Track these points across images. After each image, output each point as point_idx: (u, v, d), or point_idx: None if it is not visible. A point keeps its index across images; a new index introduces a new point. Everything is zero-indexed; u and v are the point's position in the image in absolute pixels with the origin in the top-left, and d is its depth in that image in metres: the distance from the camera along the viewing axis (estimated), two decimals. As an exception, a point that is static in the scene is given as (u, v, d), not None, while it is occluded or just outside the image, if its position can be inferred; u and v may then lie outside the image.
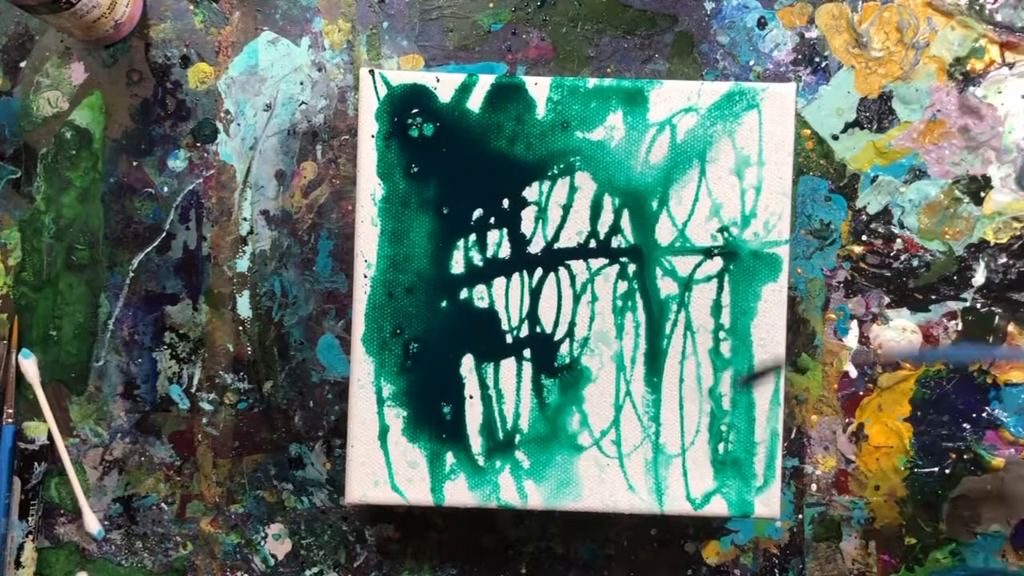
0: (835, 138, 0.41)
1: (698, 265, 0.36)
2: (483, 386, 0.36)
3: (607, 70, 0.41)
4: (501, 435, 0.36)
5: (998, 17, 0.40)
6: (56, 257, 0.44)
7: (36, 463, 0.44)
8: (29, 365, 0.44)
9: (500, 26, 0.41)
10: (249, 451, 0.43)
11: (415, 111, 0.36)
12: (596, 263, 0.36)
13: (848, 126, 0.41)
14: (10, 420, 0.44)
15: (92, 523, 0.44)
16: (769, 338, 0.36)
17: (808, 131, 0.41)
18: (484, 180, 0.36)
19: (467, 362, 0.36)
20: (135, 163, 0.43)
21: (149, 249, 0.43)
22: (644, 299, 0.35)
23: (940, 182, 0.41)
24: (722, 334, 0.36)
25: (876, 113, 0.41)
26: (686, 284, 0.36)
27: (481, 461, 0.36)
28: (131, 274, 0.43)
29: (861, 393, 0.41)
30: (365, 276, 0.37)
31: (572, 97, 0.35)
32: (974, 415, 0.41)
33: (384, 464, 0.36)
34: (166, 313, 0.43)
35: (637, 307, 0.36)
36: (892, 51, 0.40)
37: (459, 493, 0.36)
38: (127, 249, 0.43)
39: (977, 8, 0.40)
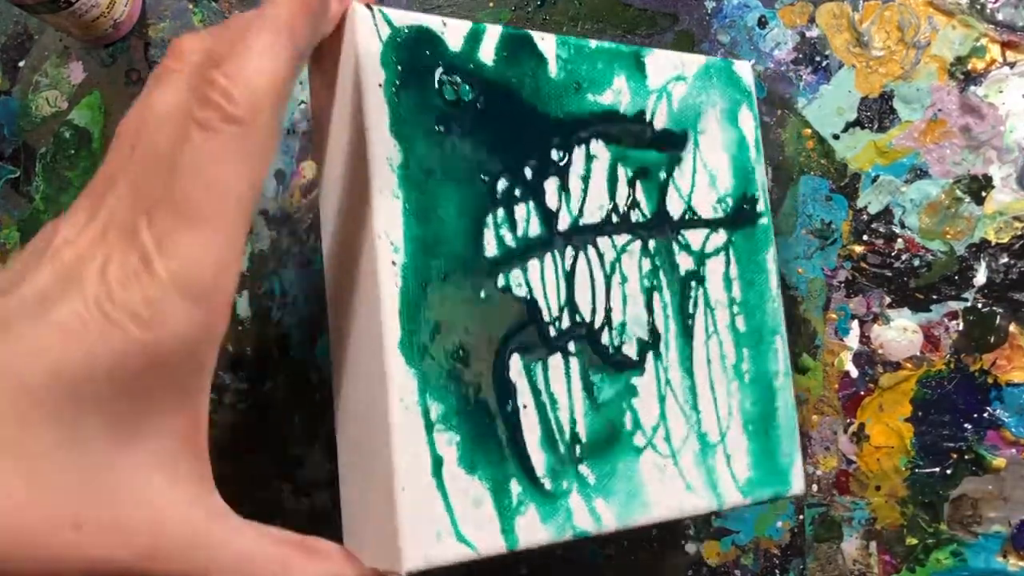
0: (836, 137, 0.41)
1: (707, 238, 0.34)
2: (535, 391, 0.29)
3: (607, 69, 0.41)
4: (563, 448, 0.29)
5: (999, 16, 0.40)
6: (55, 257, 0.44)
7: (35, 463, 0.44)
8: (28, 365, 0.43)
9: (500, 25, 0.41)
10: (248, 451, 0.43)
11: (440, 66, 0.29)
12: (620, 239, 0.33)
13: (849, 125, 0.41)
14: (9, 420, 0.44)
15: (91, 524, 0.44)
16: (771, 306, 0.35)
17: (809, 130, 0.41)
18: (507, 145, 0.30)
19: (515, 364, 0.29)
20: (134, 163, 0.43)
21: (148, 249, 0.43)
22: (668, 277, 0.33)
23: (941, 182, 0.41)
24: (736, 308, 0.35)
25: (877, 112, 0.41)
26: (701, 259, 0.34)
27: (548, 484, 0.29)
28: (130, 274, 0.43)
29: (862, 393, 0.41)
30: (394, 264, 0.27)
31: (579, 56, 0.32)
32: (975, 415, 0.41)
33: (444, 508, 0.27)
34: (165, 313, 0.43)
35: (662, 286, 0.33)
36: (893, 50, 0.40)
37: (532, 529, 0.29)
38: (126, 249, 0.43)
39: (978, 7, 0.40)
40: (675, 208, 0.34)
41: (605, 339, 0.31)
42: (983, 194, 0.41)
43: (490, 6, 0.41)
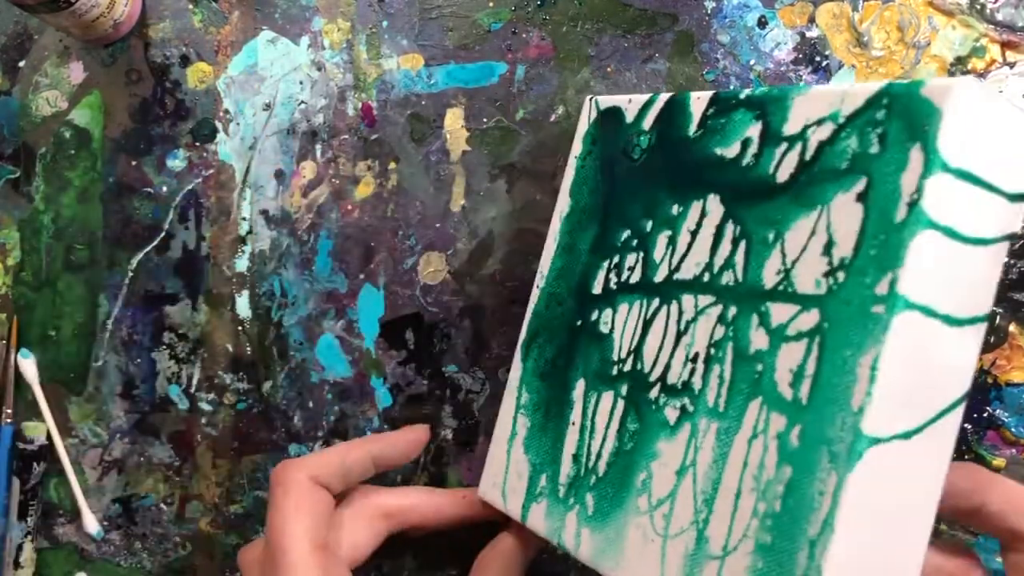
0: (836, 138, 0.41)
1: (793, 317, 0.27)
2: (584, 414, 0.33)
3: (607, 69, 0.41)
4: (583, 471, 0.33)
5: (999, 16, 0.40)
6: (55, 257, 0.44)
7: (35, 463, 0.44)
8: (28, 365, 0.43)
9: (500, 25, 0.41)
10: (248, 451, 0.43)
11: (630, 132, 0.35)
12: (703, 300, 0.30)
13: (849, 125, 0.41)
14: (9, 420, 0.44)
15: (91, 523, 0.44)
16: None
17: (809, 131, 0.41)
18: (638, 198, 0.33)
19: (580, 387, 0.34)
20: (134, 163, 0.43)
21: (148, 249, 0.43)
22: (733, 352, 0.29)
23: (941, 182, 0.41)
24: (796, 415, 0.27)
25: (877, 112, 0.41)
26: (778, 340, 0.28)
27: (562, 492, 0.34)
28: (130, 274, 0.43)
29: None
30: (537, 287, 0.37)
31: (723, 108, 0.31)
32: (975, 415, 0.41)
33: (503, 470, 0.36)
34: (165, 313, 0.43)
35: (725, 360, 0.29)
36: (893, 50, 0.40)
37: (538, 517, 0.34)
38: (126, 249, 0.43)
39: (978, 7, 0.40)
40: (770, 275, 0.28)
41: (653, 393, 0.31)
42: (983, 194, 0.41)
43: (490, 6, 0.41)
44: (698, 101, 0.32)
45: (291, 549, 0.32)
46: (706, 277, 0.30)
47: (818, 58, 0.41)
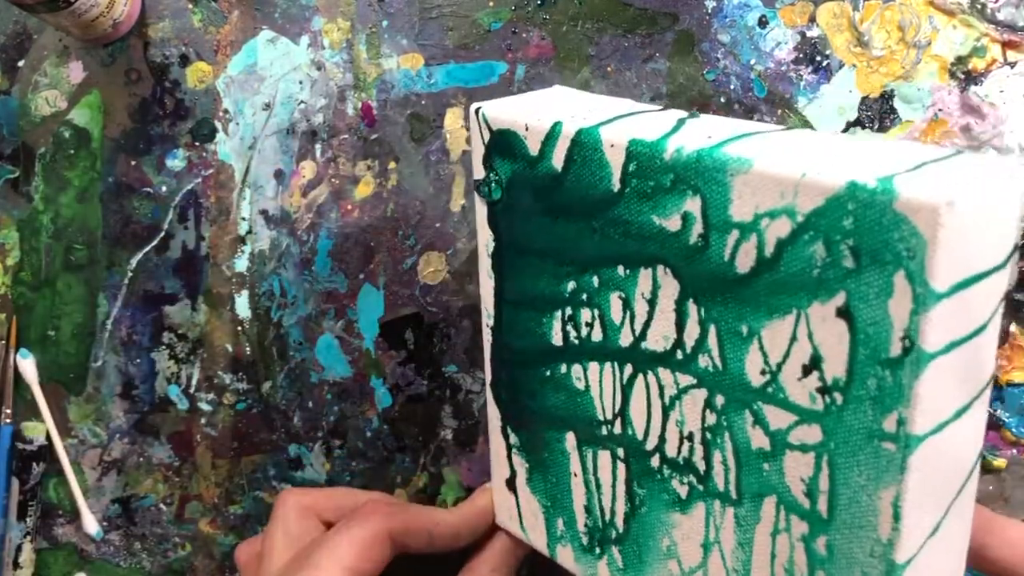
0: (836, 137, 0.41)
1: (792, 426, 0.25)
2: (584, 469, 0.32)
3: (608, 69, 0.41)
4: (601, 523, 0.32)
5: (1000, 16, 0.40)
6: (54, 257, 0.44)
7: (34, 463, 0.44)
8: (27, 365, 0.43)
9: (500, 25, 0.41)
10: (248, 452, 0.43)
11: (499, 166, 0.31)
12: (684, 379, 0.28)
13: (850, 125, 0.41)
14: (8, 420, 0.44)
15: (90, 524, 0.44)
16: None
17: (809, 130, 0.41)
18: (576, 247, 0.30)
19: (570, 439, 0.32)
20: (133, 162, 0.43)
21: (148, 249, 0.43)
22: (733, 443, 0.27)
23: (942, 181, 0.41)
24: (817, 526, 0.25)
25: (878, 112, 0.41)
26: (780, 446, 0.25)
27: (585, 540, 0.33)
28: (129, 274, 0.43)
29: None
30: (488, 327, 0.34)
31: (649, 168, 0.27)
32: (976, 415, 0.41)
33: (515, 504, 0.36)
34: (165, 313, 0.43)
35: (726, 449, 0.27)
36: (893, 50, 0.40)
37: (567, 559, 0.34)
38: (125, 249, 0.43)
39: (979, 7, 0.40)
40: (755, 373, 0.25)
41: (654, 463, 0.29)
42: (984, 194, 0.40)
43: (490, 5, 0.41)
44: (612, 150, 0.27)
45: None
46: (679, 355, 0.27)
47: (819, 58, 0.40)
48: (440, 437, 0.42)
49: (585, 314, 0.30)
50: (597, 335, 0.30)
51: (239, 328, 0.43)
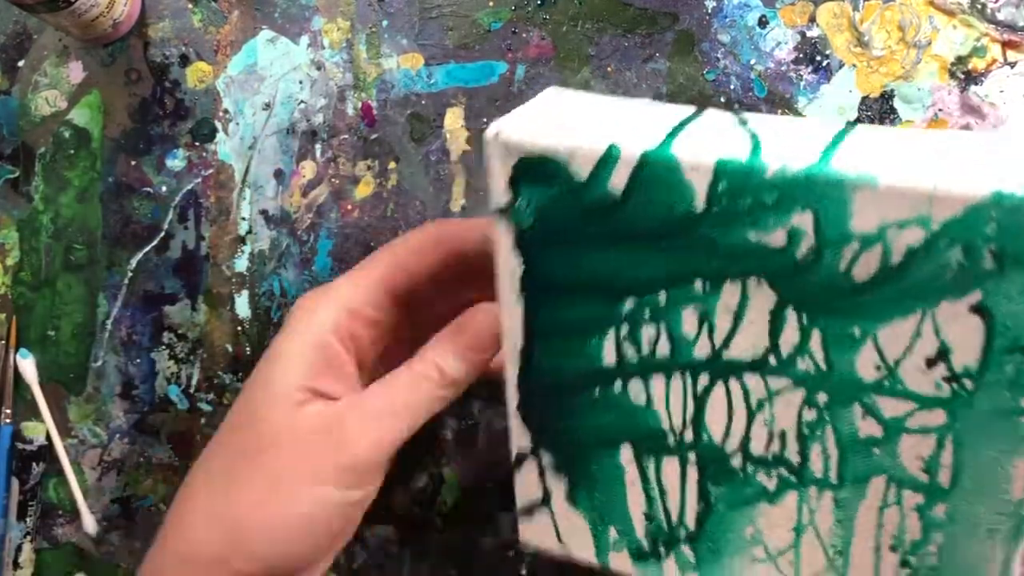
0: (836, 137, 0.41)
1: (911, 413, 0.26)
2: (644, 479, 0.32)
3: (608, 69, 0.41)
4: (666, 527, 0.32)
5: (1000, 16, 0.40)
6: (54, 257, 0.44)
7: (34, 464, 0.44)
8: (27, 365, 0.43)
9: (500, 25, 0.41)
10: (248, 452, 0.43)
11: (529, 192, 0.29)
12: (776, 383, 0.28)
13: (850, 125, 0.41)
14: (8, 420, 0.44)
15: (90, 524, 0.44)
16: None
17: (809, 130, 0.41)
18: (636, 270, 0.29)
19: (625, 453, 0.32)
20: (133, 162, 0.43)
21: (147, 249, 0.43)
22: (836, 435, 0.28)
23: (942, 181, 0.41)
24: (937, 496, 0.27)
25: (878, 112, 0.41)
26: (895, 431, 0.27)
27: (647, 545, 0.32)
28: (129, 274, 0.43)
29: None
30: (516, 351, 0.32)
31: (744, 187, 0.26)
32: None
33: (551, 523, 0.34)
34: (164, 313, 0.43)
35: (827, 440, 0.28)
36: (894, 50, 0.40)
37: (623, 564, 0.33)
38: (125, 249, 0.43)
39: (979, 7, 0.40)
40: (867, 370, 0.26)
41: (735, 463, 0.30)
42: (984, 194, 0.40)
43: (490, 5, 0.41)
44: (695, 173, 0.27)
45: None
46: (772, 361, 0.28)
47: (819, 58, 0.40)
48: (440, 437, 0.42)
49: (648, 331, 0.29)
50: (663, 350, 0.30)
51: (239, 328, 0.43)
